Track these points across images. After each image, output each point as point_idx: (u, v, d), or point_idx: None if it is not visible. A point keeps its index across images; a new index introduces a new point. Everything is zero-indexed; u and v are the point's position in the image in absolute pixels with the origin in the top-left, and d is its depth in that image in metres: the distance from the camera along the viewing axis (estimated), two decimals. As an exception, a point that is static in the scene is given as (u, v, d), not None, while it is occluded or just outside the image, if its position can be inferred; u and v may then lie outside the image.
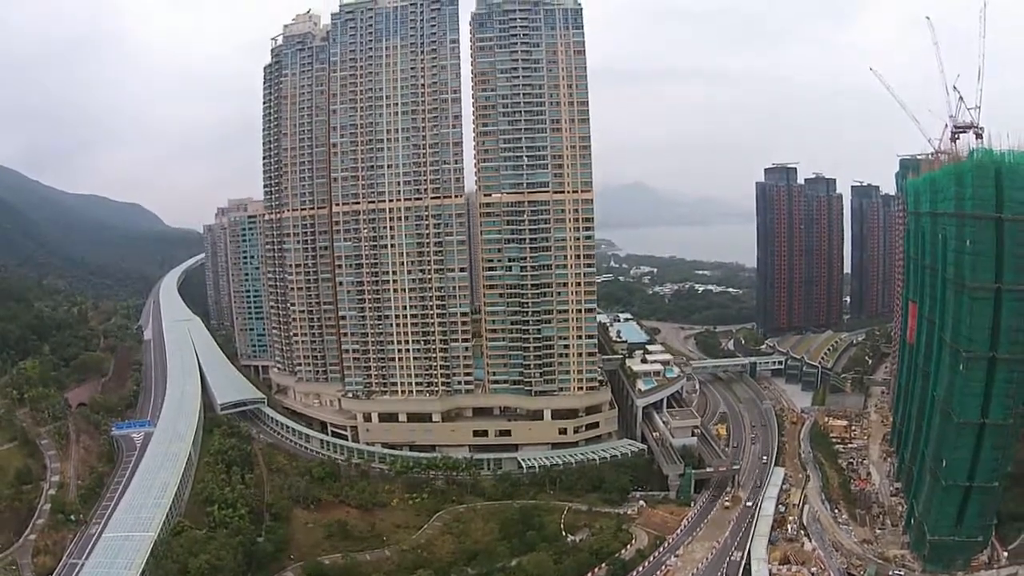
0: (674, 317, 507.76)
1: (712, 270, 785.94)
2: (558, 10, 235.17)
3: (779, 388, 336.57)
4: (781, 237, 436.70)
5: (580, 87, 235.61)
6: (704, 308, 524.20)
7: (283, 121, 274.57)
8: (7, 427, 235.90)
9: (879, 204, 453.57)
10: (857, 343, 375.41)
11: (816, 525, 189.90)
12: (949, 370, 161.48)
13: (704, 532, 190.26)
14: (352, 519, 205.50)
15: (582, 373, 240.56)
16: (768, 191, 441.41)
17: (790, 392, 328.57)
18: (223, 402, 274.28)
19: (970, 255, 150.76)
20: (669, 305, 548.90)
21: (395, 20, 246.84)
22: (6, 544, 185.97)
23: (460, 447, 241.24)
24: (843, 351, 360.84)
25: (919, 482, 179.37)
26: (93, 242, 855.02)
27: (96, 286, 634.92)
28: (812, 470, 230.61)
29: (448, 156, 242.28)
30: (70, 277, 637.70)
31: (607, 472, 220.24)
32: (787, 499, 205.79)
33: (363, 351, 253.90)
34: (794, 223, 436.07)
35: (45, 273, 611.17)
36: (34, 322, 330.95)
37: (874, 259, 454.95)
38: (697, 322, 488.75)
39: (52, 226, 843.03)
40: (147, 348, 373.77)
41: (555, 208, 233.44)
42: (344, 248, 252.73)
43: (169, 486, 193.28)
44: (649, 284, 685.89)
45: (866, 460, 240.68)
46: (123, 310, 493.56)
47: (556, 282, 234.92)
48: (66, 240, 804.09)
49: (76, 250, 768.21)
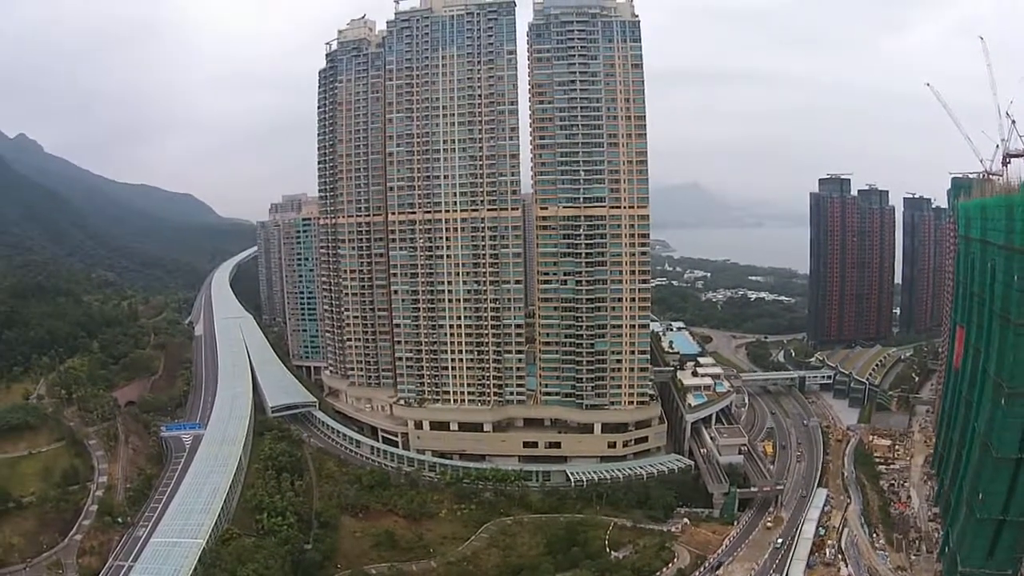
0: (726, 325, 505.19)
1: (765, 276, 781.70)
2: (615, 22, 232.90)
3: (827, 403, 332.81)
4: (834, 249, 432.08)
5: (637, 101, 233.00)
6: (756, 316, 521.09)
7: (338, 127, 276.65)
8: (55, 426, 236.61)
9: (931, 217, 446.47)
10: (905, 359, 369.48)
11: (853, 550, 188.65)
12: (991, 403, 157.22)
13: (745, 553, 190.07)
14: (400, 528, 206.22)
15: (633, 388, 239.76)
16: (822, 202, 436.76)
17: (837, 408, 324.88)
18: (274, 405, 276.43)
19: (1018, 291, 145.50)
20: (722, 313, 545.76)
21: (451, 29, 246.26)
22: (51, 544, 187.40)
23: (510, 457, 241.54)
24: (891, 367, 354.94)
25: (956, 510, 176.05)
26: (144, 233, 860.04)
27: (146, 278, 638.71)
28: (854, 491, 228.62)
29: (505, 168, 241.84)
30: (120, 269, 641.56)
31: (653, 488, 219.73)
32: (828, 521, 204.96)
33: (416, 359, 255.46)
34: (847, 235, 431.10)
35: (94, 264, 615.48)
36: (83, 318, 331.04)
37: (925, 273, 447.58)
38: (749, 331, 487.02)
39: (101, 216, 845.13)
40: (198, 345, 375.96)
41: (611, 223, 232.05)
42: (400, 257, 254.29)
43: (219, 491, 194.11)
44: (702, 289, 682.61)
45: (907, 482, 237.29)
46: (174, 304, 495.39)
47: (611, 297, 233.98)
48: (116, 230, 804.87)
49: (126, 241, 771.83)
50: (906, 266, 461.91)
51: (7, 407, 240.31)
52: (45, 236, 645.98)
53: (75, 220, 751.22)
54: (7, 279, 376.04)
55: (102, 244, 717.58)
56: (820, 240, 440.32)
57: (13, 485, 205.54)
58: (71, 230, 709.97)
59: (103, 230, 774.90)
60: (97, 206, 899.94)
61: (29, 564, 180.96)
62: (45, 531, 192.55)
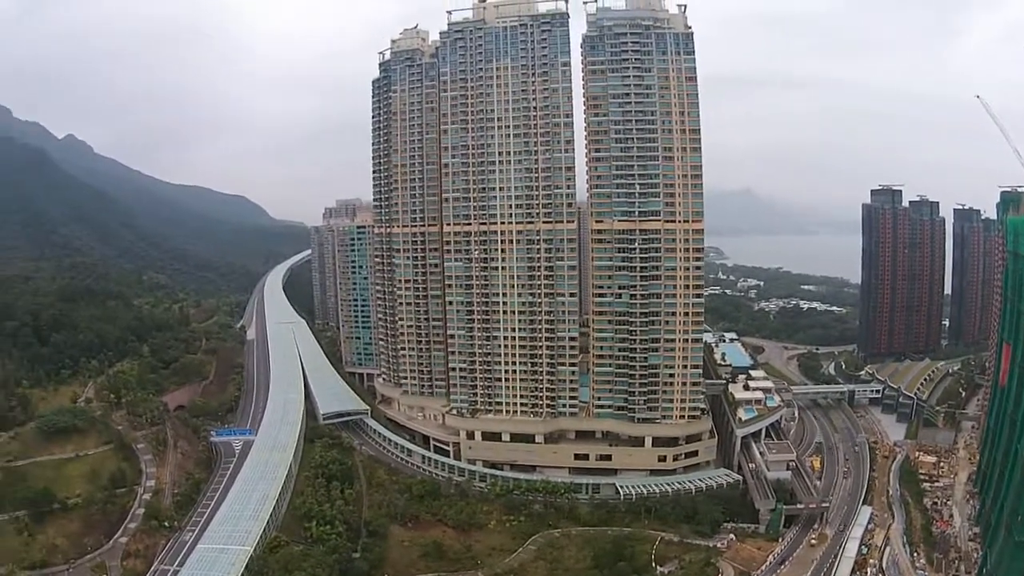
0: (778, 335, 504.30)
1: (817, 285, 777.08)
2: (669, 34, 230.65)
3: (875, 418, 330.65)
4: (885, 260, 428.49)
5: (692, 115, 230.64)
6: (808, 327, 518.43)
7: (393, 136, 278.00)
8: (103, 430, 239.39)
9: (980, 229, 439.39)
10: (952, 373, 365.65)
11: (894, 569, 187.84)
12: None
13: (788, 570, 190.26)
14: (448, 539, 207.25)
15: (685, 402, 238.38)
16: (874, 213, 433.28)
17: (885, 423, 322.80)
18: (326, 412, 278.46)
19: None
20: (774, 323, 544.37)
21: (505, 40, 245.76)
22: (95, 546, 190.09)
23: (560, 469, 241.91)
24: (939, 382, 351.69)
25: (995, 531, 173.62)
26: (196, 234, 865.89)
27: (198, 280, 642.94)
28: (897, 509, 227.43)
29: (561, 180, 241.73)
30: (171, 271, 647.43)
31: (701, 503, 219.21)
32: (871, 540, 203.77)
33: (470, 369, 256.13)
34: (898, 247, 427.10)
35: (145, 266, 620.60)
36: (133, 322, 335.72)
37: (974, 285, 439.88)
38: (800, 341, 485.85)
39: (152, 217, 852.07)
40: (249, 350, 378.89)
41: (666, 237, 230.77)
42: (455, 268, 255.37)
43: (268, 499, 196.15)
44: (755, 299, 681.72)
45: (950, 500, 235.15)
46: (225, 307, 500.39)
47: (665, 311, 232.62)
48: (167, 232, 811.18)
49: (177, 242, 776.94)
50: (955, 278, 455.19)
51: (55, 410, 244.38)
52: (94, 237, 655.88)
53: (125, 221, 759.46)
54: (56, 281, 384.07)
55: (153, 246, 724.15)
56: (872, 251, 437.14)
57: (59, 487, 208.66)
58: (121, 231, 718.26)
59: (154, 231, 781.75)
60: (148, 207, 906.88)
61: (72, 565, 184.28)
62: (90, 533, 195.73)
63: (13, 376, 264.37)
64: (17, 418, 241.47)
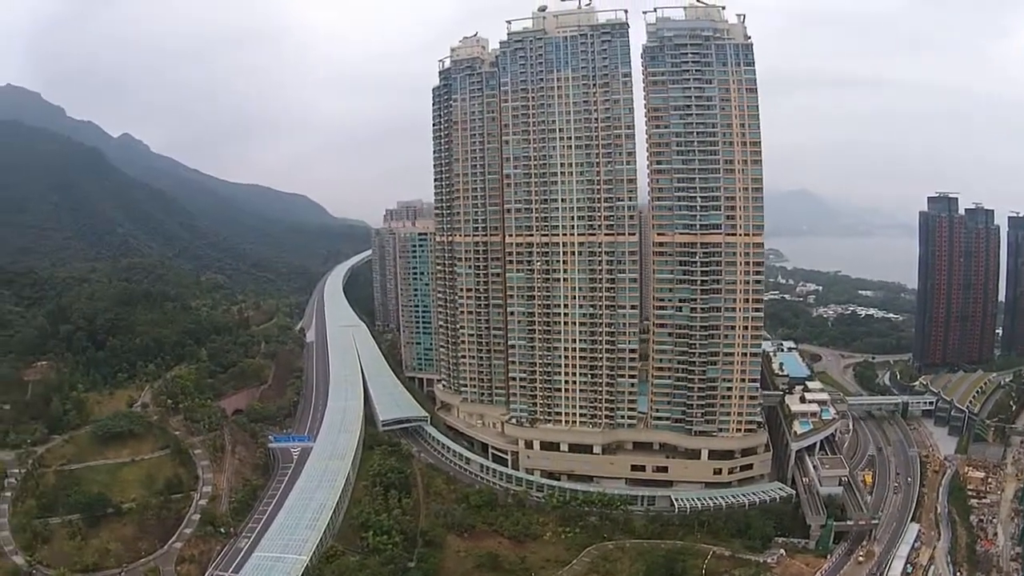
0: (836, 343, 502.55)
1: (875, 290, 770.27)
2: (729, 45, 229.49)
3: (928, 431, 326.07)
4: (941, 269, 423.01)
5: (752, 127, 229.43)
6: (865, 335, 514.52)
7: (454, 145, 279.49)
8: (159, 435, 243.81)
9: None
10: (1004, 385, 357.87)
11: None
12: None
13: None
14: (504, 550, 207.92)
15: (742, 415, 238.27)
16: (930, 221, 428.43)
17: (937, 436, 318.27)
18: (385, 419, 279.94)
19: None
20: (832, 330, 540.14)
21: (565, 50, 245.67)
22: (149, 550, 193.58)
23: (617, 479, 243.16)
24: (990, 394, 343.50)
25: None
26: (254, 233, 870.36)
27: (257, 280, 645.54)
28: (944, 527, 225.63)
29: (622, 193, 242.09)
30: (230, 271, 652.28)
31: (754, 517, 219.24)
32: (916, 558, 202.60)
33: (530, 379, 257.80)
34: (954, 255, 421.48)
35: (204, 266, 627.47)
36: (191, 326, 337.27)
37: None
38: (857, 350, 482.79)
39: (211, 217, 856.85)
40: (308, 353, 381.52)
41: (727, 251, 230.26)
42: (517, 279, 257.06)
43: (325, 507, 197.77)
44: (814, 304, 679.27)
45: (995, 518, 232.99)
46: (285, 308, 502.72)
47: (724, 325, 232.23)
48: (226, 231, 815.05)
49: (236, 241, 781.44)
50: (1009, 287, 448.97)
51: (111, 415, 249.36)
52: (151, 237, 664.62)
53: (183, 220, 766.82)
54: (113, 285, 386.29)
55: (211, 245, 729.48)
56: (928, 260, 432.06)
57: (114, 491, 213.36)
58: (179, 230, 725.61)
59: (212, 230, 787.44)
60: (206, 206, 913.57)
61: (125, 569, 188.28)
62: (144, 537, 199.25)
63: (68, 380, 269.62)
64: (72, 422, 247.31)
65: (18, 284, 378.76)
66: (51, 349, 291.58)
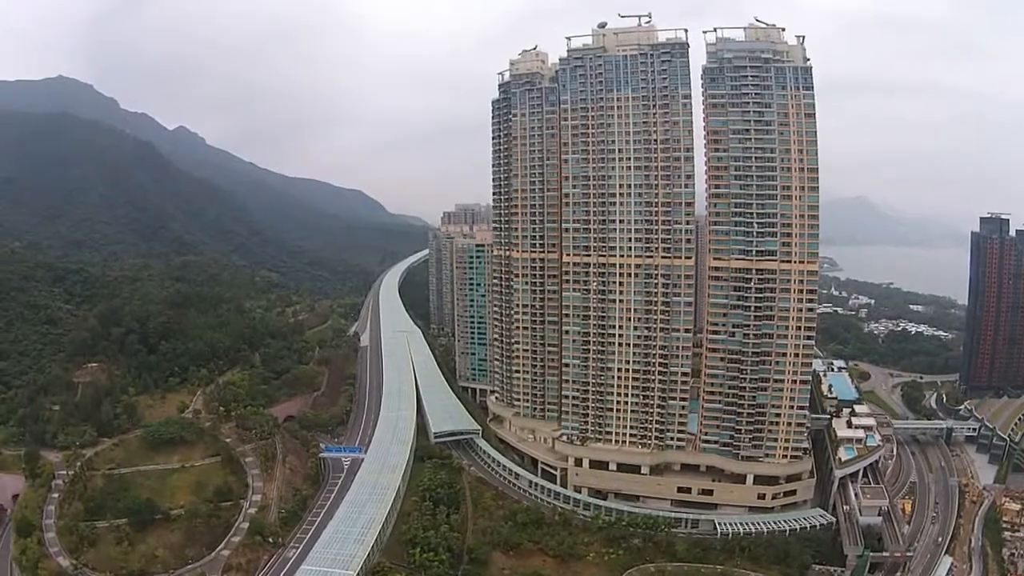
0: (885, 360, 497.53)
1: (925, 305, 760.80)
2: (788, 68, 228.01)
3: (969, 458, 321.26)
4: (991, 291, 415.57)
5: (810, 153, 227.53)
6: (913, 353, 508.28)
7: (513, 160, 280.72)
8: (210, 442, 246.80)
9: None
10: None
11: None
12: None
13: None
14: (547, 569, 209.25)
15: (789, 441, 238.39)
16: (982, 242, 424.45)
17: (979, 464, 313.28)
18: (437, 431, 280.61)
19: None
20: (882, 347, 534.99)
21: (625, 70, 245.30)
22: (196, 557, 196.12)
23: (663, 500, 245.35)
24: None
25: None
26: (310, 229, 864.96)
27: (312, 279, 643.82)
28: (976, 560, 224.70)
29: (680, 216, 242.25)
30: (284, 269, 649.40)
31: (793, 544, 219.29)
32: None
33: (582, 398, 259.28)
34: (1003, 277, 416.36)
35: (258, 263, 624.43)
36: (245, 330, 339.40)
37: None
38: (906, 368, 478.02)
39: (266, 211, 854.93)
40: (362, 358, 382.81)
41: (781, 277, 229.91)
42: (573, 299, 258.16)
43: (374, 523, 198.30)
44: (865, 319, 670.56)
45: None
46: (340, 309, 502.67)
47: (776, 351, 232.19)
48: (281, 226, 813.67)
49: (291, 237, 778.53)
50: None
51: (162, 420, 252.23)
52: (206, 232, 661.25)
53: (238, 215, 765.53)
54: (165, 287, 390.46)
55: (267, 241, 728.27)
56: (978, 281, 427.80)
57: (163, 497, 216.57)
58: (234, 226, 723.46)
59: (268, 226, 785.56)
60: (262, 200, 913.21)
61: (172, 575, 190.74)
62: (192, 544, 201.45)
63: (119, 383, 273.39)
64: (122, 426, 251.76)
65: (68, 281, 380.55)
66: (102, 351, 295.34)
